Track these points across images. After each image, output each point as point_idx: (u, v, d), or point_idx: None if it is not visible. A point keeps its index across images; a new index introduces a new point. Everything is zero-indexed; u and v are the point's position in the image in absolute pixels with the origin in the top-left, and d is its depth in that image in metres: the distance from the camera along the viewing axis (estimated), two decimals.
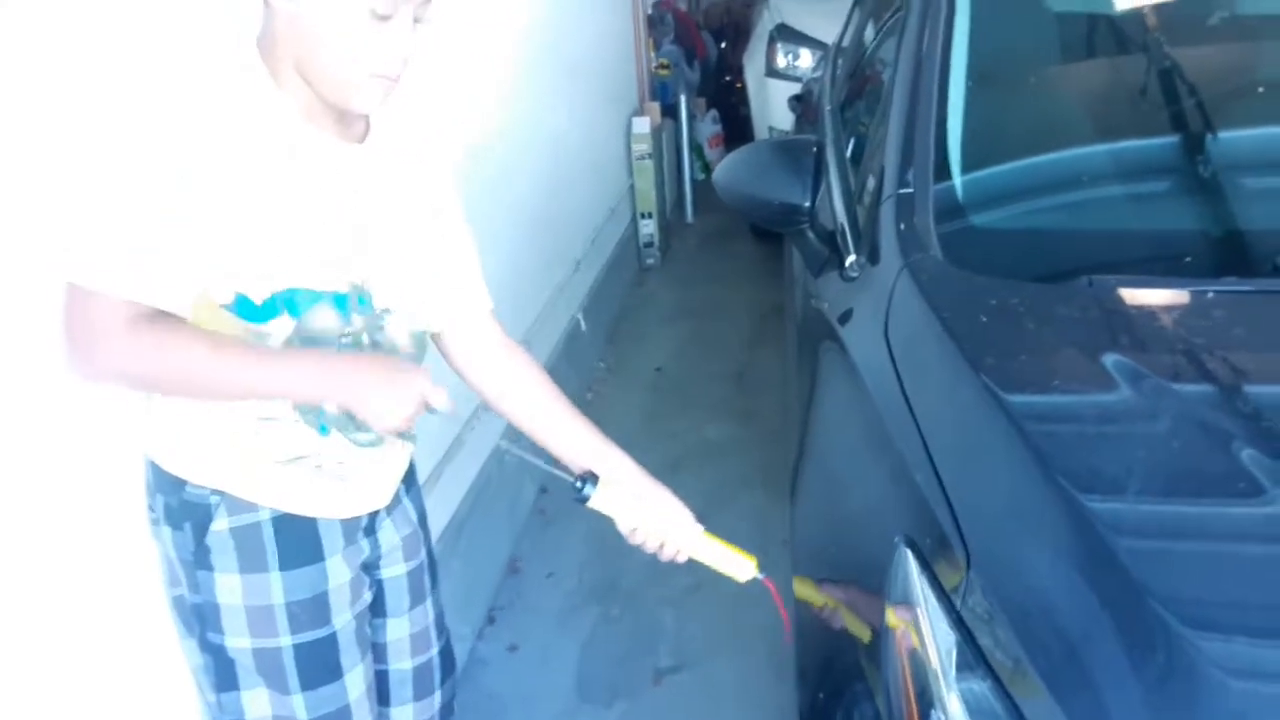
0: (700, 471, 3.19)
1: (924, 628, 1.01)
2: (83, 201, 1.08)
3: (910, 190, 1.55)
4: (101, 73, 1.24)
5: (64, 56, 1.19)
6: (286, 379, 1.15)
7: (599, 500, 1.34)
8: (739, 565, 1.38)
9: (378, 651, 1.48)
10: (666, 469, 1.43)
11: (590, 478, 1.34)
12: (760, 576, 1.38)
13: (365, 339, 1.26)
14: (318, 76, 1.13)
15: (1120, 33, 2.17)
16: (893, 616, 1.07)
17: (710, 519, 1.41)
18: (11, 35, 1.12)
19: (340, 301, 1.22)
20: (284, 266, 1.16)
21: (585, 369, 3.91)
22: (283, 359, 1.17)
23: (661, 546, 1.37)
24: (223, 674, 1.29)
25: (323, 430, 1.26)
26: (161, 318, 1.10)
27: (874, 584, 1.12)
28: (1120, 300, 1.33)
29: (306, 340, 1.20)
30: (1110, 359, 1.20)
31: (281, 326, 1.18)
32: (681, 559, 1.39)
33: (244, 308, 1.15)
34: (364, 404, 1.15)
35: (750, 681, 2.29)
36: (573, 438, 1.42)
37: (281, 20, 1.11)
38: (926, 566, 1.04)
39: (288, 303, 1.17)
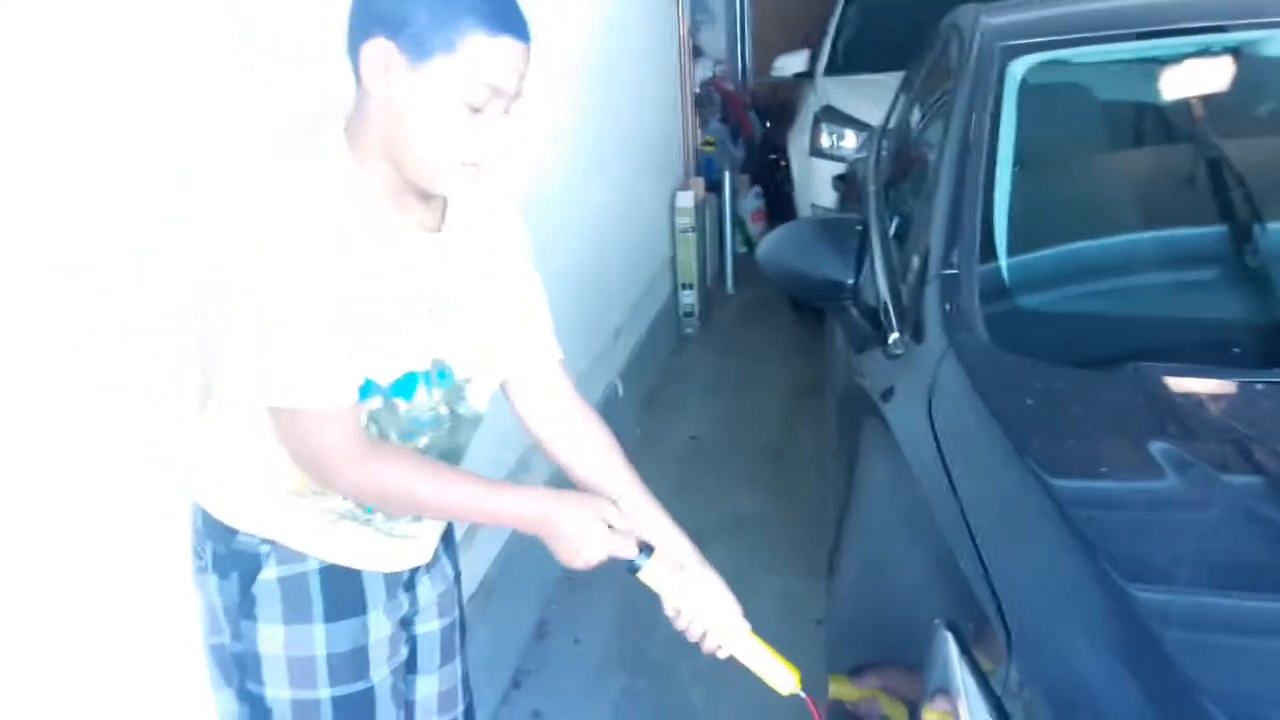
0: (731, 545, 3.15)
1: (962, 711, 0.99)
2: (252, 341, 1.12)
3: (955, 271, 1.56)
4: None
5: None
6: (504, 515, 1.28)
7: (650, 573, 1.30)
8: (781, 675, 1.33)
9: (406, 709, 1.47)
10: (698, 540, 1.41)
11: (646, 549, 1.31)
12: (802, 694, 1.32)
13: (445, 410, 1.29)
14: (407, 161, 1.16)
15: (1167, 121, 2.19)
16: (930, 706, 1.05)
17: (742, 594, 1.37)
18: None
19: (424, 379, 1.25)
20: (378, 353, 1.19)
21: (621, 436, 3.88)
22: (505, 496, 1.27)
23: (704, 636, 1.33)
24: None
25: (369, 509, 1.28)
26: (381, 444, 1.21)
27: (912, 667, 1.11)
28: (1167, 387, 1.32)
29: (402, 417, 1.24)
30: (1157, 446, 1.19)
31: (373, 404, 1.22)
32: (722, 654, 1.34)
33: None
34: (557, 549, 1.27)
35: None
36: (634, 506, 1.39)
37: (377, 105, 1.15)
38: (966, 651, 1.02)
39: (397, 386, 1.22)
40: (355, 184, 1.17)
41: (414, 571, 1.41)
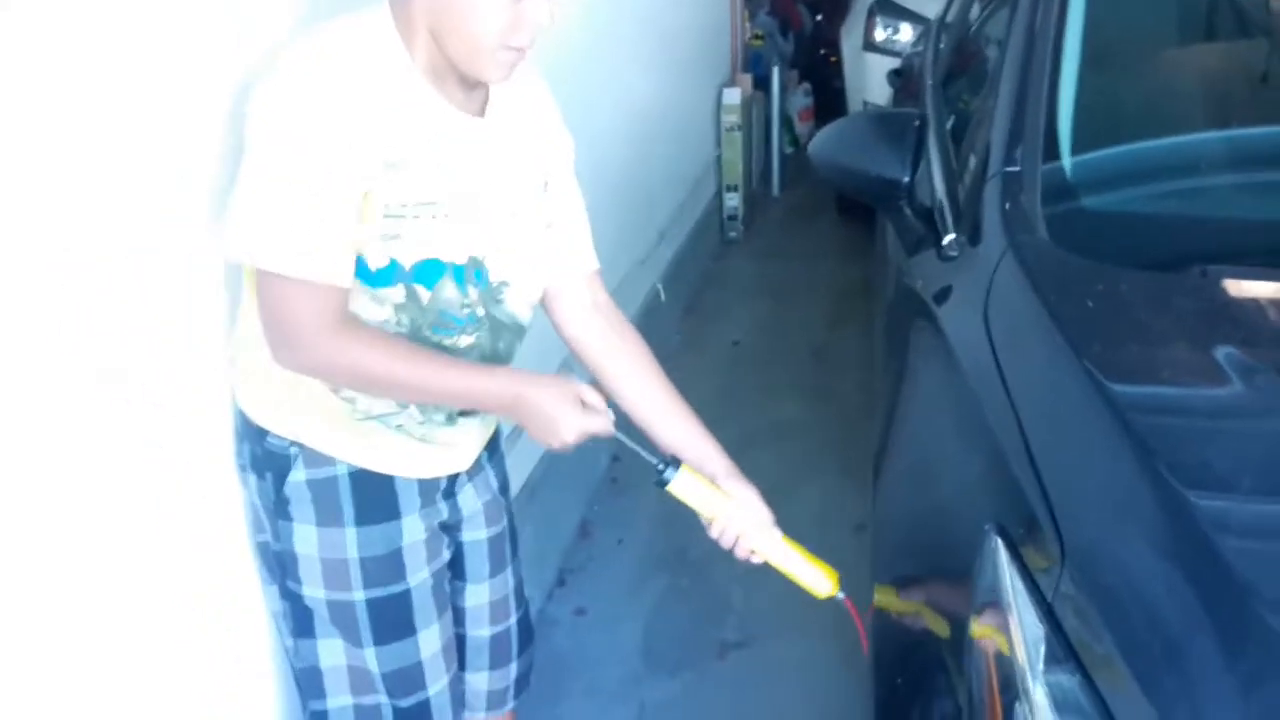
0: (774, 449, 3.16)
1: (1011, 618, 0.98)
2: (252, 191, 1.10)
3: (1018, 169, 1.50)
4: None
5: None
6: (470, 395, 1.26)
7: (679, 486, 1.30)
8: (819, 579, 1.33)
9: (456, 616, 1.48)
10: (739, 445, 1.40)
11: (674, 462, 1.30)
12: (840, 595, 1.32)
13: (481, 311, 1.27)
14: (452, 39, 1.15)
15: (1241, 13, 2.08)
16: (979, 611, 1.04)
17: (782, 499, 1.36)
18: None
19: (458, 274, 1.23)
20: (405, 237, 1.17)
21: (662, 340, 3.90)
22: (470, 375, 1.25)
23: (737, 544, 1.32)
24: (300, 621, 1.32)
25: (402, 405, 1.27)
26: (357, 323, 1.17)
27: (960, 575, 1.10)
28: (1235, 291, 1.27)
29: (428, 310, 1.22)
30: (1222, 352, 1.15)
31: (395, 294, 1.20)
32: (757, 559, 1.33)
33: (361, 271, 1.17)
34: (532, 429, 1.26)
35: (816, 662, 2.27)
36: (665, 416, 1.39)
37: None
38: (1017, 555, 1.01)
39: (416, 272, 1.20)
40: (398, 55, 1.16)
41: (453, 479, 1.40)
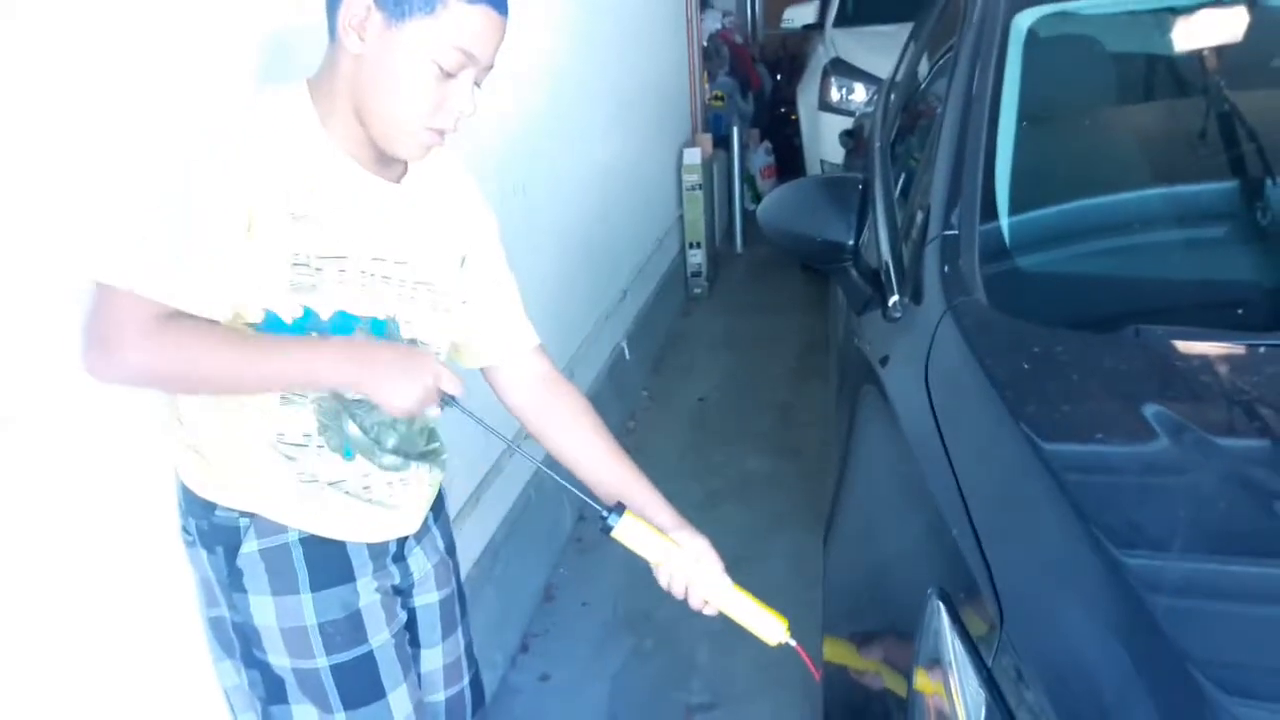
0: (742, 504, 3.16)
1: (953, 685, 0.98)
2: (122, 207, 1.11)
3: (955, 232, 1.53)
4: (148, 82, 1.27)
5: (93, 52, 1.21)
6: (306, 366, 1.15)
7: (623, 531, 1.31)
8: (769, 626, 1.33)
9: None
10: (706, 501, 1.41)
11: (618, 509, 1.32)
12: (791, 642, 1.32)
13: None
14: (373, 118, 1.17)
15: (1176, 75, 2.13)
16: (922, 673, 1.05)
17: (751, 553, 1.37)
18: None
19: (376, 328, 1.24)
20: (319, 289, 1.18)
21: (629, 397, 3.91)
22: (301, 346, 1.16)
23: (688, 592, 1.33)
24: (271, 688, 1.31)
25: (347, 454, 1.27)
26: (180, 316, 1.09)
27: (904, 635, 1.10)
28: (1168, 351, 1.29)
29: None
30: (1156, 412, 1.17)
31: None
32: (709, 610, 1.34)
33: (274, 326, 1.17)
34: (378, 388, 1.16)
35: None
36: (609, 470, 1.40)
37: (348, 60, 1.15)
38: (958, 621, 1.02)
39: (333, 323, 1.19)
40: (311, 124, 1.18)
41: (402, 543, 1.40)
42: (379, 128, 1.17)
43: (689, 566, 1.32)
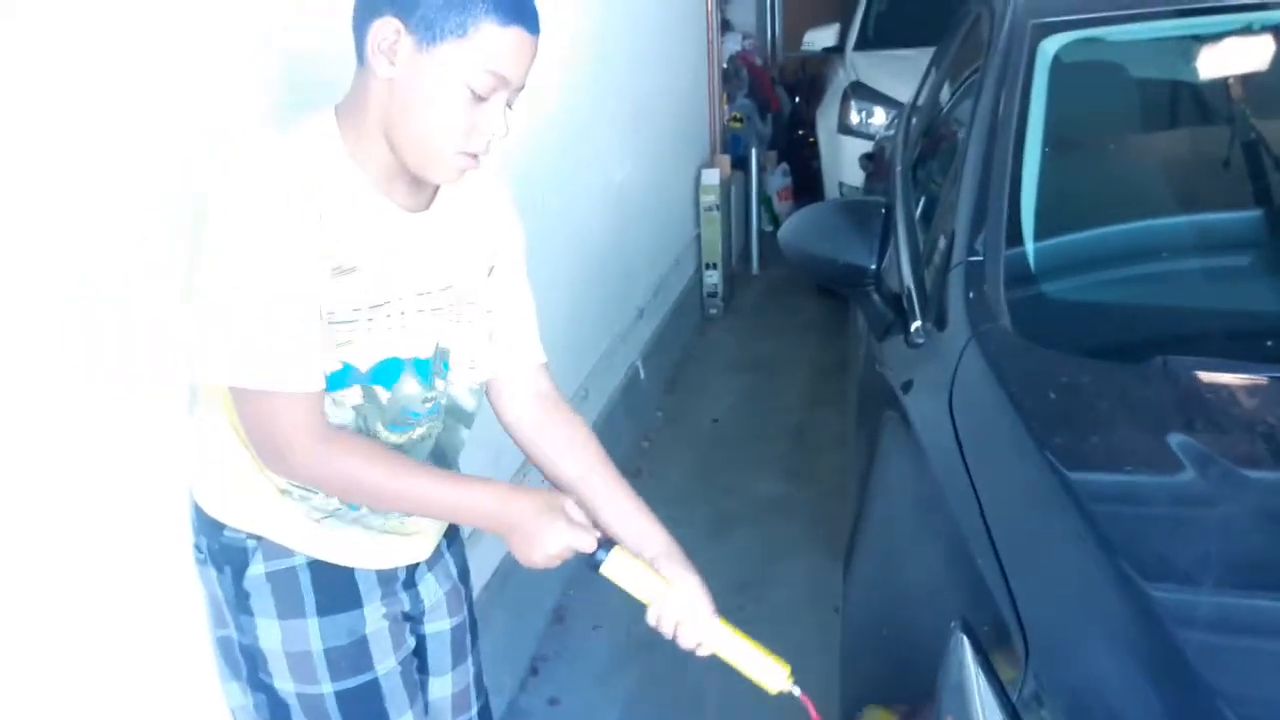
0: (755, 528, 3.12)
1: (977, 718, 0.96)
2: (216, 308, 1.10)
3: (980, 258, 1.52)
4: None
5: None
6: (460, 508, 1.24)
7: (611, 568, 1.24)
8: (768, 671, 1.24)
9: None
10: (719, 525, 1.38)
11: (606, 544, 1.24)
12: (795, 690, 1.23)
13: (444, 400, 1.28)
14: (405, 143, 1.14)
15: (1203, 102, 2.12)
16: (945, 707, 1.02)
17: (763, 578, 1.33)
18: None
19: (421, 367, 1.23)
20: (355, 342, 1.17)
21: (642, 418, 3.89)
22: (456, 491, 1.22)
23: (679, 632, 1.25)
24: (276, 712, 1.30)
25: (353, 507, 1.26)
26: (340, 432, 1.17)
27: (927, 667, 1.08)
28: (1196, 382, 1.27)
29: (388, 408, 1.22)
30: (1183, 443, 1.15)
31: (352, 396, 1.19)
32: (703, 653, 1.27)
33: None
34: (515, 549, 1.22)
35: None
36: (608, 502, 1.33)
37: (378, 85, 1.13)
38: (982, 654, 0.99)
39: (375, 373, 1.19)
40: (342, 162, 1.16)
41: (413, 570, 1.38)
42: (412, 153, 1.15)
43: (680, 607, 1.25)
